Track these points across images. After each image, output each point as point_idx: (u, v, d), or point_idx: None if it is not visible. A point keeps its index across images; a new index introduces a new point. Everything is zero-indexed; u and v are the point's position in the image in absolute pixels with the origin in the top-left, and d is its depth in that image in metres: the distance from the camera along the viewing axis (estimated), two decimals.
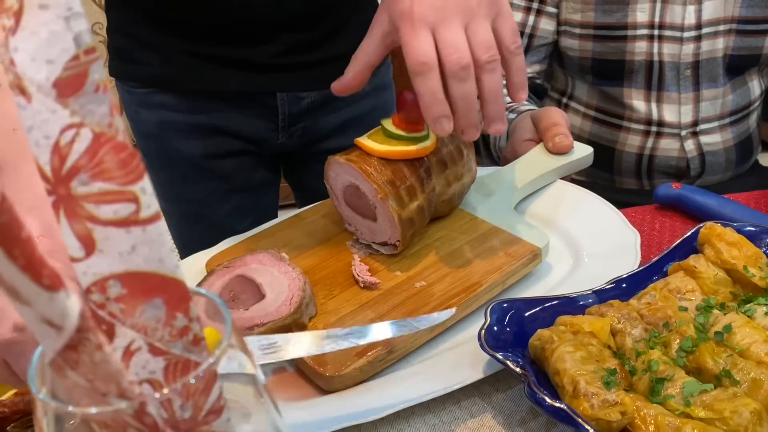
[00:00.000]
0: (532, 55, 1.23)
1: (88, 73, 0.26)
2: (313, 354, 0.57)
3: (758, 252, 0.64)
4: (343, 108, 1.03)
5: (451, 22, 0.60)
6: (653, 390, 0.52)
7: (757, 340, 0.54)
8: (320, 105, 1.01)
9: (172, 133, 0.99)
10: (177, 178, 1.03)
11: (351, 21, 0.97)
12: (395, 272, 0.72)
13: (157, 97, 0.97)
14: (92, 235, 0.27)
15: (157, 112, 0.98)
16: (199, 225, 1.06)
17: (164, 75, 0.94)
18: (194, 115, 0.96)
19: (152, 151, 1.02)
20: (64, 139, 0.26)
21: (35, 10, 0.25)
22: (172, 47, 0.93)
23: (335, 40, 0.96)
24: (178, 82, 0.89)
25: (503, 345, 0.58)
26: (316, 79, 0.96)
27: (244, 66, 0.95)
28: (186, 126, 0.98)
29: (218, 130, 0.99)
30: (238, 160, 1.02)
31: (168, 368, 0.30)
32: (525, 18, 1.21)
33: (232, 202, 1.04)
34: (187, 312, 0.29)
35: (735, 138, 1.25)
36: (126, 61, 0.97)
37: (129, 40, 0.87)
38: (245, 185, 1.04)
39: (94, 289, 0.28)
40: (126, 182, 0.27)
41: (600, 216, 0.80)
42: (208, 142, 0.99)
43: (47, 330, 0.22)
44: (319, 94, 1.00)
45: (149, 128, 1.00)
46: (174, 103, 0.97)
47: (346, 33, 0.97)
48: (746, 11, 1.15)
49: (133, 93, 0.99)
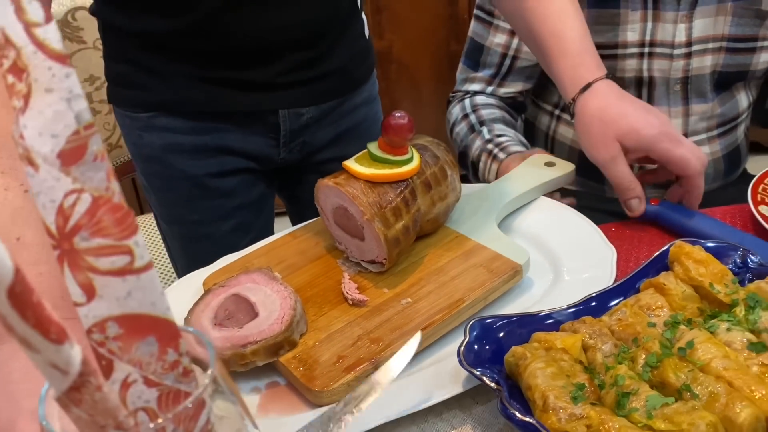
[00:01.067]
0: (515, 75, 1.27)
1: (88, 145, 0.29)
2: None
3: (724, 269, 0.68)
4: (339, 120, 1.08)
5: (677, 132, 0.87)
6: (619, 403, 0.56)
7: (717, 356, 0.57)
8: (318, 119, 1.05)
9: (176, 154, 1.01)
10: (180, 199, 1.06)
11: (344, 36, 1.02)
12: (383, 289, 0.76)
13: (160, 120, 1.00)
14: (93, 283, 0.31)
15: (161, 135, 1.01)
16: (202, 243, 1.09)
17: (167, 99, 0.97)
18: (198, 136, 0.99)
19: (155, 173, 1.05)
20: (67, 202, 0.30)
21: (42, 93, 0.28)
22: (175, 72, 0.96)
23: (332, 56, 1.01)
24: (181, 105, 0.92)
25: (481, 361, 0.62)
26: (315, 95, 1.01)
27: (248, 87, 0.98)
28: (190, 147, 1.01)
29: (222, 150, 1.01)
30: (239, 178, 1.05)
31: (161, 398, 0.33)
32: (509, 40, 1.24)
33: (233, 219, 1.07)
34: (177, 348, 0.33)
35: (723, 149, 1.28)
36: (126, 87, 0.99)
37: (129, 66, 0.90)
38: (245, 202, 1.08)
39: (95, 329, 0.32)
40: (121, 237, 0.30)
41: (579, 232, 0.83)
42: (211, 162, 1.02)
43: (55, 373, 0.26)
44: (317, 108, 1.04)
45: (152, 151, 1.02)
46: (177, 126, 0.99)
47: (342, 48, 1.02)
48: (736, 29, 1.17)
49: (134, 118, 1.01)
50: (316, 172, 0.81)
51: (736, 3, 1.16)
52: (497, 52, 1.26)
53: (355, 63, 1.06)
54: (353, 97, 1.08)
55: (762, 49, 1.20)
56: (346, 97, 1.07)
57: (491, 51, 1.25)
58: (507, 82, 1.28)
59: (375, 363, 0.66)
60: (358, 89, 1.09)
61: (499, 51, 1.25)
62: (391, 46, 2.43)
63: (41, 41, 0.28)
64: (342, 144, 1.09)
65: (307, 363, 0.67)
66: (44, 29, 0.28)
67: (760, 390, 0.54)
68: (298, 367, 0.66)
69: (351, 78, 1.07)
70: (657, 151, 0.85)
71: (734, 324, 0.61)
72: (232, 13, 0.90)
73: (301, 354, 0.68)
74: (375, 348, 0.68)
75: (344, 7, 1.01)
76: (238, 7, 0.90)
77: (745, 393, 0.54)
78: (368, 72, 1.11)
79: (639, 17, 1.16)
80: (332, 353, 0.68)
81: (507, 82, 1.28)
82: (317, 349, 0.68)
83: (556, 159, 0.95)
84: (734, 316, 0.62)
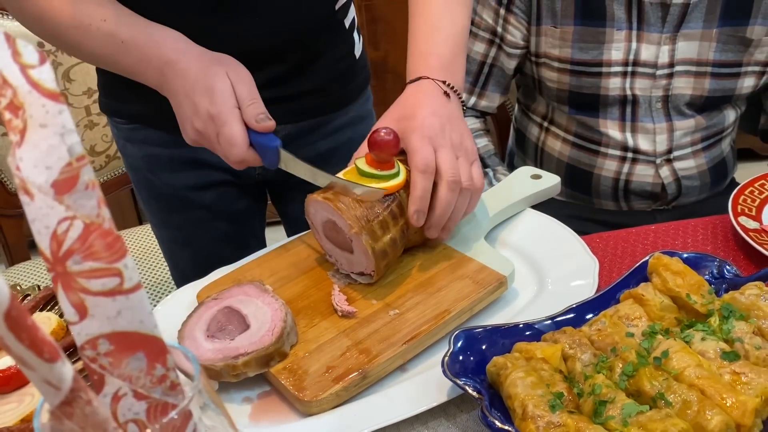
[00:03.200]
0: (493, 85, 1.30)
1: (80, 175, 0.32)
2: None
3: (701, 280, 0.70)
4: (319, 141, 1.07)
5: (449, 149, 0.79)
6: (596, 411, 0.58)
7: (690, 365, 0.59)
8: (294, 137, 1.03)
9: (156, 166, 1.04)
10: (164, 207, 1.09)
11: (323, 56, 1.01)
12: (371, 300, 0.78)
13: (141, 132, 1.02)
14: (85, 303, 0.33)
15: (141, 147, 1.03)
16: (187, 250, 1.12)
17: (147, 112, 0.98)
18: (176, 149, 1.00)
19: (141, 181, 1.08)
20: (61, 228, 0.32)
21: (36, 129, 0.31)
22: None
23: (307, 75, 1.00)
24: (160, 119, 0.93)
25: (464, 371, 0.64)
26: (290, 113, 1.00)
27: None
28: (169, 159, 1.03)
29: (199, 163, 1.03)
30: (219, 191, 1.06)
31: (150, 410, 0.36)
32: (488, 49, 1.28)
33: (215, 230, 1.09)
34: (164, 363, 0.35)
35: (708, 162, 1.30)
36: (112, 98, 1.02)
37: (114, 77, 0.91)
38: (228, 214, 1.09)
39: (87, 346, 0.34)
40: (111, 261, 0.33)
41: (563, 243, 0.85)
42: (190, 174, 1.03)
43: (48, 389, 0.28)
44: (294, 126, 1.03)
45: (136, 161, 1.06)
46: (156, 138, 1.01)
47: (319, 68, 1.01)
48: (720, 55, 1.19)
49: (120, 128, 1.05)
50: (302, 190, 0.83)
51: (721, 29, 1.18)
52: (476, 60, 1.29)
53: (339, 83, 1.06)
54: (336, 117, 1.08)
55: (746, 74, 1.22)
56: (327, 116, 1.07)
57: (470, 59, 1.28)
58: (487, 93, 1.31)
59: (363, 373, 0.68)
60: (342, 109, 1.08)
61: (478, 59, 1.29)
62: (386, 56, 2.46)
63: (36, 81, 0.30)
64: (324, 164, 1.06)
65: (297, 374, 0.69)
66: (39, 70, 0.30)
67: (731, 398, 0.56)
68: (289, 377, 0.68)
69: (332, 98, 1.06)
70: (407, 136, 0.79)
71: (708, 334, 0.63)
72: (198, 18, 0.89)
73: (292, 365, 0.70)
74: (363, 359, 0.70)
75: (323, 22, 0.99)
76: (204, 12, 0.90)
77: (717, 401, 0.56)
78: (355, 92, 1.10)
79: (624, 37, 1.18)
80: (321, 364, 0.70)
81: (487, 93, 1.31)
82: (307, 360, 0.70)
83: (542, 171, 0.97)
84: (709, 326, 0.64)
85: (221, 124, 0.79)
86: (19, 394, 0.70)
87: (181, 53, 0.82)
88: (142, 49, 0.82)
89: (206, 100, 0.79)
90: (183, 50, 0.82)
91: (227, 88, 0.80)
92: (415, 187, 0.77)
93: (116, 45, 0.82)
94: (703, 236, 0.91)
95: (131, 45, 0.82)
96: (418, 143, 0.78)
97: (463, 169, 0.79)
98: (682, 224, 0.94)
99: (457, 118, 0.84)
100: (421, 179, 0.76)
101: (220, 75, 0.81)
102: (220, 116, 0.79)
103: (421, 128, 0.79)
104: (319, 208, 0.79)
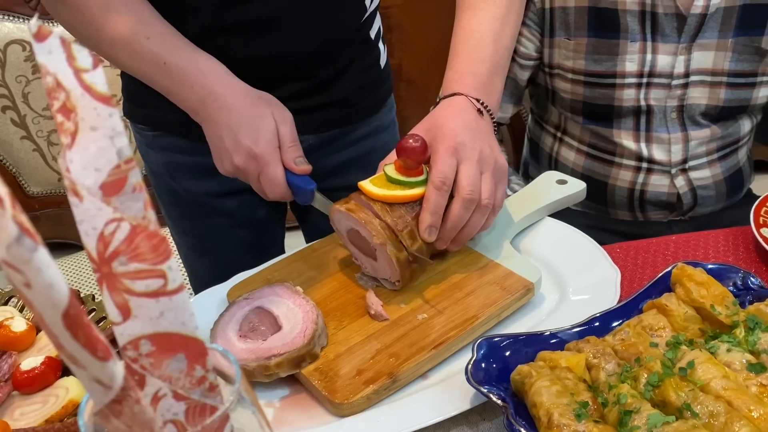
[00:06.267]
0: (505, 95, 1.30)
1: (128, 178, 0.32)
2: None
3: (725, 291, 0.70)
4: (341, 150, 1.07)
5: (474, 163, 0.77)
6: (621, 421, 0.58)
7: (716, 376, 0.59)
8: (318, 147, 1.03)
9: (178, 172, 1.04)
10: (185, 214, 1.09)
11: (349, 69, 1.02)
12: (399, 304, 0.78)
13: (164, 139, 1.03)
14: (128, 304, 0.34)
15: (164, 153, 1.04)
16: (207, 257, 1.12)
17: (172, 120, 0.98)
18: (198, 157, 1.00)
19: (162, 188, 1.08)
20: (108, 230, 0.32)
21: (87, 131, 0.31)
22: None
23: (332, 87, 1.01)
24: (184, 126, 0.93)
25: (488, 378, 0.64)
26: (313, 123, 1.00)
27: None
28: (191, 167, 1.03)
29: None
30: (241, 199, 1.06)
31: (188, 411, 0.36)
32: None
33: (235, 238, 1.10)
34: (204, 365, 0.36)
35: (724, 172, 1.30)
36: (137, 104, 1.03)
37: (140, 85, 0.92)
38: (248, 222, 1.09)
39: (129, 347, 0.34)
40: (156, 262, 0.33)
41: (584, 253, 0.85)
42: (212, 182, 1.03)
43: (98, 388, 0.29)
44: (316, 137, 1.03)
45: (158, 168, 1.06)
46: (179, 146, 1.02)
47: (343, 80, 1.01)
48: (736, 65, 1.19)
49: (143, 134, 1.05)
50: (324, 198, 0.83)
51: (737, 39, 1.18)
52: None
53: (364, 93, 1.05)
54: (360, 127, 1.07)
55: (761, 83, 1.22)
56: (351, 126, 1.06)
57: None
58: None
59: (393, 377, 0.68)
60: (366, 119, 1.08)
61: None
62: (401, 64, 2.46)
63: (89, 85, 0.30)
64: (348, 173, 1.07)
65: (328, 375, 0.69)
66: (92, 74, 0.30)
67: (758, 409, 0.56)
68: (320, 379, 0.69)
69: (356, 108, 1.06)
70: (433, 146, 0.79)
71: (734, 345, 0.63)
72: (226, 37, 0.90)
73: (323, 366, 0.70)
74: (393, 362, 0.70)
75: (349, 36, 1.00)
76: (233, 30, 0.91)
77: (744, 412, 0.56)
78: (380, 102, 1.10)
79: (638, 48, 1.18)
80: (352, 366, 0.70)
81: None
82: (338, 362, 0.71)
83: (568, 177, 0.97)
84: (734, 338, 0.64)
85: (264, 165, 0.82)
86: (44, 395, 0.70)
87: (228, 87, 0.84)
88: (184, 74, 0.84)
89: (250, 139, 0.82)
90: (229, 84, 0.84)
91: (272, 130, 0.83)
92: (428, 201, 0.76)
93: (157, 65, 0.84)
94: (724, 247, 0.91)
95: (173, 68, 0.83)
96: (441, 154, 0.77)
97: (485, 186, 0.78)
98: (703, 235, 0.94)
99: (488, 134, 0.83)
100: (434, 195, 0.76)
101: (267, 117, 0.83)
102: (264, 157, 0.82)
103: (449, 138, 0.78)
104: (342, 218, 0.80)
